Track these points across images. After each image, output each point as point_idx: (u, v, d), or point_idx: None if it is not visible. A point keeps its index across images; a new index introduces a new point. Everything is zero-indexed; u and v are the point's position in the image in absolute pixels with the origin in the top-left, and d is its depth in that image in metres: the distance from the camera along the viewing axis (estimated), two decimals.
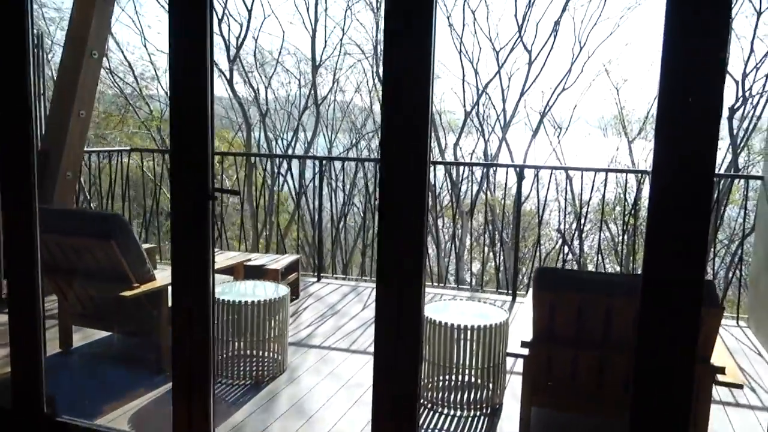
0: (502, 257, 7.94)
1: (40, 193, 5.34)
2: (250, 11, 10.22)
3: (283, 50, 11.75)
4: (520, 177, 5.70)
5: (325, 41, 11.30)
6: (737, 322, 5.08)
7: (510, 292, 5.65)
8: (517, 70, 13.12)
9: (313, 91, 11.51)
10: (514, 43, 12.54)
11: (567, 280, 2.69)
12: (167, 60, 2.90)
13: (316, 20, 11.39)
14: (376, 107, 13.06)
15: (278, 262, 5.05)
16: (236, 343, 3.64)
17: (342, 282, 6.03)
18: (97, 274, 3.52)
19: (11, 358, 2.79)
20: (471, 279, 7.48)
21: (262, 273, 4.83)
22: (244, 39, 10.52)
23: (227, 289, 3.82)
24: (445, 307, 3.74)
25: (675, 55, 1.74)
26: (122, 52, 10.71)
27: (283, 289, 3.84)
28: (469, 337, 3.28)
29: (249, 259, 4.54)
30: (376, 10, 12.12)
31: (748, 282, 5.59)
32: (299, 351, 4.16)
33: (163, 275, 3.66)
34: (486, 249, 8.98)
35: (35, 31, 5.85)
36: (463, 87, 13.33)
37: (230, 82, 10.70)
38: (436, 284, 6.10)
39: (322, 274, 6.04)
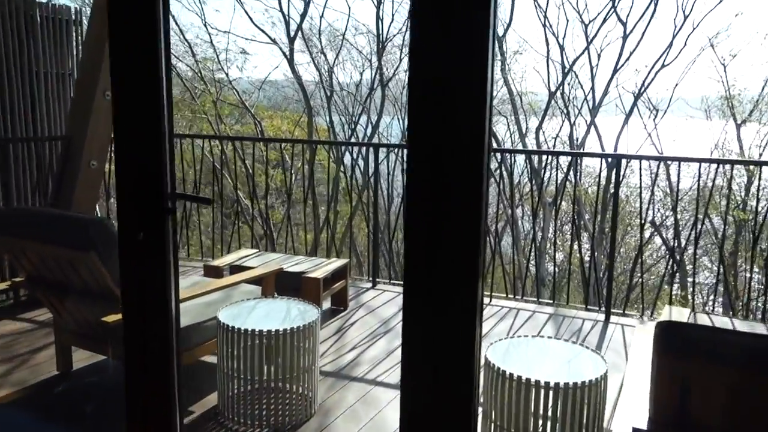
0: (591, 263, 6.85)
1: (61, 185, 4.84)
2: None
3: (349, 27, 11.01)
4: (613, 169, 4.64)
5: (392, 16, 10.40)
6: None
7: (602, 309, 4.65)
8: (608, 45, 11.76)
9: (379, 71, 10.65)
10: (607, 14, 11.20)
11: (711, 345, 1.74)
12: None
13: None
14: None
15: (321, 268, 4.27)
16: (248, 378, 2.88)
17: (402, 289, 5.20)
18: (81, 290, 2.86)
19: None
20: (553, 277, 6.47)
21: (299, 282, 4.07)
22: (303, 15, 9.78)
23: (237, 311, 3.07)
24: (515, 346, 2.82)
25: None
26: (182, 32, 10.24)
27: (312, 313, 3.05)
28: (543, 397, 2.36)
29: (281, 268, 3.80)
30: None
31: None
32: (337, 385, 3.37)
33: None
34: (572, 244, 7.94)
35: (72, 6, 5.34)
36: (547, 65, 12.12)
37: (291, 61, 10.00)
38: (510, 296, 5.15)
39: (378, 279, 5.23)
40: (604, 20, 11.33)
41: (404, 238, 1.53)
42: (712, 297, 13.21)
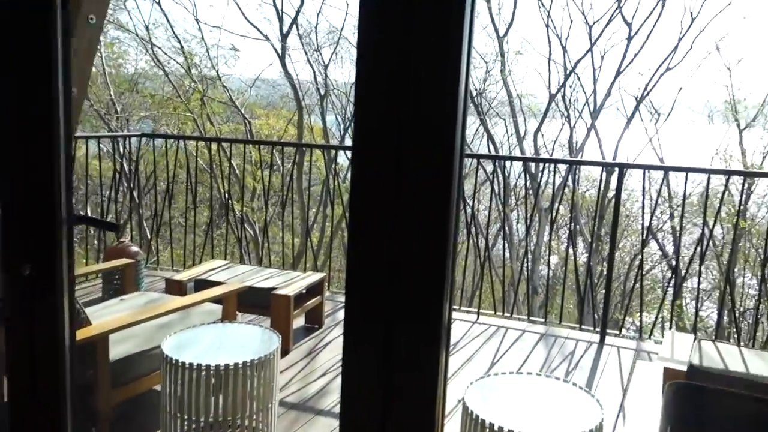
0: (587, 277, 6.51)
1: None
2: None
3: (348, 24, 10.67)
4: (612, 175, 4.31)
5: None
6: None
7: (598, 329, 4.32)
8: (612, 47, 11.42)
9: None
10: (612, 14, 10.86)
11: (727, 406, 1.41)
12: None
13: None
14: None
15: (294, 283, 3.95)
16: (193, 418, 2.55)
17: None
18: None
19: None
20: (546, 287, 6.17)
21: (268, 299, 3.74)
22: (298, 11, 9.42)
23: (187, 338, 2.73)
24: (498, 385, 2.49)
25: None
26: (172, 28, 9.90)
27: (272, 341, 2.72)
28: None
29: (245, 286, 3.47)
30: None
31: None
32: (301, 419, 3.04)
33: (103, 318, 2.63)
34: (567, 251, 7.57)
35: None
36: (549, 66, 11.77)
37: (282, 59, 9.64)
38: (499, 313, 4.82)
39: None
40: (609, 21, 10.99)
41: (346, 270, 1.20)
42: (712, 306, 12.90)
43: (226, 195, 6.39)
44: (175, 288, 3.88)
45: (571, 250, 4.81)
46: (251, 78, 11.14)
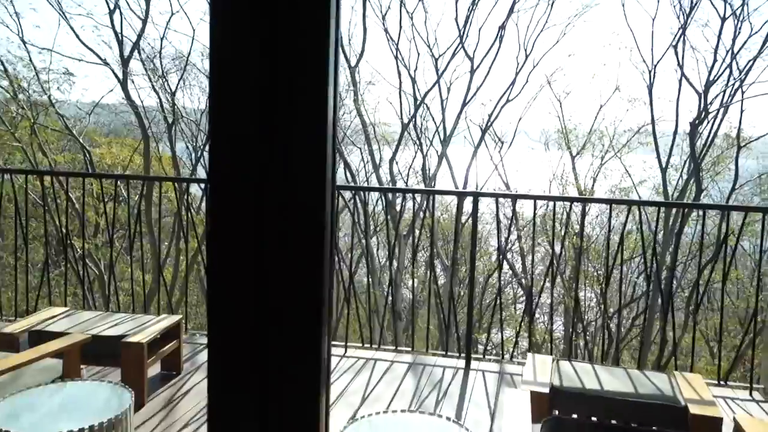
0: (449, 303, 6.69)
1: None
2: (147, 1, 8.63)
3: (195, 50, 10.27)
4: (466, 207, 4.45)
5: None
6: (750, 393, 4.00)
7: (463, 355, 4.40)
8: (457, 79, 12.06)
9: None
10: (455, 48, 11.47)
11: None
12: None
13: None
14: None
15: (146, 329, 3.61)
16: None
17: None
18: None
19: None
20: (411, 313, 6.22)
21: (118, 348, 3.39)
22: (141, 34, 8.91)
23: (21, 404, 2.37)
24: (372, 428, 2.40)
25: None
26: None
27: (122, 399, 2.43)
28: None
29: (89, 337, 3.10)
30: None
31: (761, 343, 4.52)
32: None
33: None
34: (427, 274, 7.80)
35: None
36: (400, 97, 12.15)
37: (123, 83, 9.04)
38: (367, 345, 4.77)
39: None
40: (453, 55, 11.57)
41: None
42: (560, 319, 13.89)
43: (64, 230, 5.78)
44: (4, 342, 3.38)
45: (431, 274, 4.89)
46: (90, 104, 10.34)
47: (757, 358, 4.53)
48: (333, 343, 4.68)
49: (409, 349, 4.68)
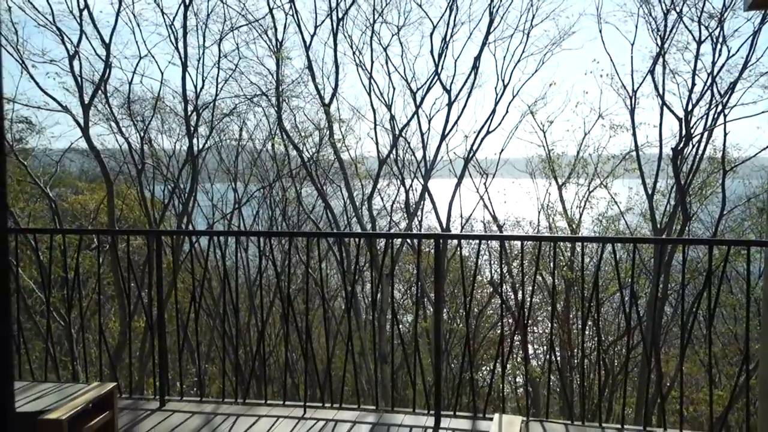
0: (414, 356, 6.30)
1: None
2: (108, 45, 8.39)
3: (165, 93, 10.05)
4: (441, 249, 4.11)
5: (204, 79, 9.60)
6: None
7: (432, 412, 4.02)
8: (437, 112, 11.87)
9: (188, 141, 9.71)
10: (432, 82, 11.28)
11: None
12: None
13: (199, 59, 9.72)
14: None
15: (70, 401, 3.24)
16: None
17: (196, 407, 4.22)
18: None
19: None
20: (391, 361, 5.85)
21: (35, 429, 3.02)
22: (104, 78, 8.66)
23: None
24: None
25: None
26: None
27: None
28: None
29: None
30: (274, 47, 10.62)
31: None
32: None
33: None
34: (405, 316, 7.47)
35: None
36: (375, 133, 11.93)
37: (84, 129, 8.75)
38: (327, 404, 4.40)
39: (168, 397, 4.24)
40: (429, 88, 11.39)
41: None
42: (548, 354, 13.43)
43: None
44: None
45: (395, 327, 4.54)
46: (58, 151, 10.07)
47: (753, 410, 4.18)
48: (291, 403, 4.31)
49: (374, 407, 4.30)
